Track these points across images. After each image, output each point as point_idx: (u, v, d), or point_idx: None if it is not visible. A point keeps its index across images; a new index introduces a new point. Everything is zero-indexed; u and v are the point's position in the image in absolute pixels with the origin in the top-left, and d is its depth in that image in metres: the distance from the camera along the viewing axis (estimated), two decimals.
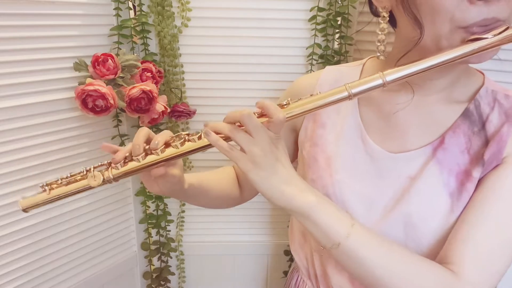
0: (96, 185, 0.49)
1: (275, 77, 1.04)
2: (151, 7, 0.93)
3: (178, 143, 0.49)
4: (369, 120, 0.59)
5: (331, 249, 0.50)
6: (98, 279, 1.06)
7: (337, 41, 1.02)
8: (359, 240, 0.49)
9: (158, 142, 0.49)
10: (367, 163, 0.57)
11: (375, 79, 0.47)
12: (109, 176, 0.49)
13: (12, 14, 0.77)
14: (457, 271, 0.48)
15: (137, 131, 0.51)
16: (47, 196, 0.49)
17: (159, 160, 0.50)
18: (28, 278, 0.90)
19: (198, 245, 1.21)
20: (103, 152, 0.98)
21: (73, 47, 0.87)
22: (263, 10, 0.97)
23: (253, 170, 0.48)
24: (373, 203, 0.56)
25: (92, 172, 0.49)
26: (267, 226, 1.21)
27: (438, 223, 0.52)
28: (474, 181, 0.52)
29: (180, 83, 1.01)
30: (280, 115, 0.47)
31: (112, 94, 0.85)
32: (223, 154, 0.48)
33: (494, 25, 0.44)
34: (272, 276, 1.28)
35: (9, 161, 0.82)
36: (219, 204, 0.71)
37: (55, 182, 0.50)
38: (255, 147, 0.47)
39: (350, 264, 0.50)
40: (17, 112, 0.81)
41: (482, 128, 0.53)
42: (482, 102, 0.54)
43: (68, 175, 0.50)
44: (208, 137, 0.48)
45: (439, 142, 0.54)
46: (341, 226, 0.49)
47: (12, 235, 0.85)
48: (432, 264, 0.50)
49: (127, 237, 1.12)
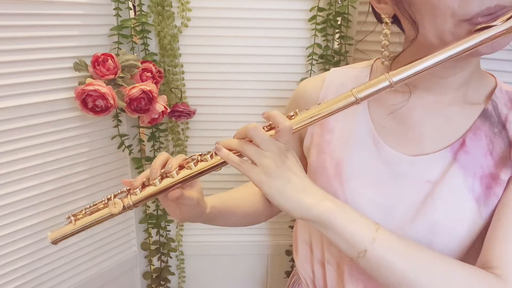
0: (117, 212, 0.50)
1: (275, 77, 1.04)
2: (151, 7, 0.93)
3: (192, 164, 0.50)
4: (381, 122, 0.56)
5: (358, 258, 0.47)
6: (98, 279, 1.06)
7: (337, 41, 1.02)
8: (386, 243, 0.46)
9: (172, 165, 0.50)
10: (381, 168, 0.54)
11: (381, 81, 0.45)
12: (129, 202, 0.50)
13: (12, 14, 0.77)
14: (501, 274, 0.46)
15: (157, 156, 0.52)
16: (73, 227, 0.51)
17: (175, 182, 0.50)
18: (28, 278, 0.90)
19: (198, 245, 1.21)
20: (103, 152, 0.99)
21: (73, 47, 0.87)
22: (263, 10, 0.97)
23: (265, 182, 0.46)
24: (391, 211, 0.53)
25: (112, 200, 0.51)
26: (267, 226, 1.21)
27: (465, 230, 0.50)
28: (503, 184, 0.50)
29: (180, 83, 1.01)
30: (286, 123, 0.46)
31: (112, 94, 0.85)
32: (235, 168, 0.48)
33: (499, 12, 0.42)
34: (272, 276, 1.28)
35: (9, 161, 0.82)
36: (250, 221, 0.70)
37: (79, 212, 0.52)
38: (265, 158, 0.46)
39: (379, 271, 0.47)
40: (17, 112, 0.81)
41: (503, 129, 0.52)
42: (499, 103, 0.53)
43: (91, 204, 0.52)
44: (220, 152, 0.48)
45: (459, 144, 0.52)
46: (365, 231, 0.46)
47: (12, 235, 0.85)
48: (474, 269, 0.47)
49: (127, 237, 1.12)
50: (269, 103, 1.06)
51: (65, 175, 0.92)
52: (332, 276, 0.61)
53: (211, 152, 0.50)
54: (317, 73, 1.03)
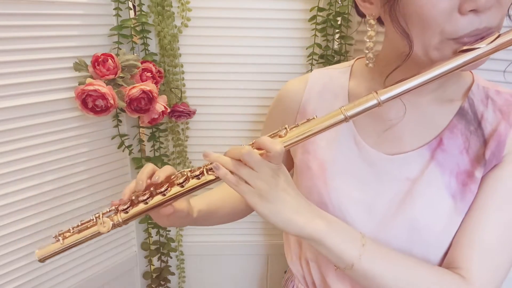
0: (106, 231, 0.50)
1: (275, 77, 1.04)
2: (151, 7, 0.93)
3: (182, 181, 0.50)
4: (362, 123, 0.58)
5: (345, 269, 0.50)
6: (98, 279, 1.06)
7: (337, 41, 1.02)
8: (371, 259, 0.49)
9: (159, 177, 0.50)
10: (363, 167, 0.57)
11: (370, 100, 0.47)
12: (118, 220, 0.51)
13: (12, 14, 0.77)
14: (466, 276, 0.48)
15: (143, 167, 0.52)
16: (61, 246, 0.51)
17: (165, 200, 0.51)
18: (28, 278, 0.90)
19: (198, 245, 1.21)
20: (103, 152, 0.99)
21: (73, 47, 0.87)
22: (263, 10, 0.97)
23: (260, 203, 0.48)
24: (372, 208, 0.55)
25: (101, 219, 0.50)
26: (267, 226, 1.21)
27: (443, 226, 0.52)
28: (478, 181, 0.51)
29: (180, 83, 1.01)
30: (277, 148, 0.47)
31: (112, 94, 0.85)
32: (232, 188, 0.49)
33: (485, 33, 0.43)
34: (272, 276, 1.28)
35: (9, 161, 0.82)
36: (231, 219, 0.72)
37: (67, 231, 0.52)
38: (259, 181, 0.47)
39: (366, 282, 0.51)
40: (17, 112, 0.81)
41: (478, 127, 0.53)
42: (476, 100, 0.54)
43: (79, 223, 0.52)
44: (218, 171, 0.48)
45: (436, 143, 0.54)
46: (352, 248, 0.49)
47: (12, 235, 0.85)
48: (443, 271, 0.50)
49: (127, 237, 1.12)
50: (269, 103, 1.05)
51: (65, 175, 0.92)
52: (317, 273, 0.63)
53: (202, 168, 0.50)
54: None
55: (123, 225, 0.51)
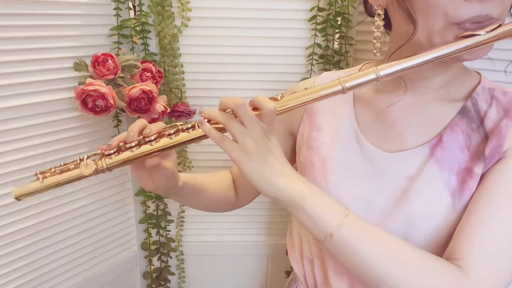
0: (88, 174, 0.48)
1: (275, 77, 1.03)
2: (151, 7, 0.93)
3: (172, 132, 0.49)
4: (365, 121, 0.59)
5: (325, 241, 0.49)
6: (98, 279, 1.06)
7: (337, 41, 1.02)
8: (352, 230, 0.48)
9: (150, 130, 0.49)
10: (363, 164, 0.57)
11: (369, 74, 0.47)
12: (102, 165, 0.49)
13: (12, 14, 0.77)
14: (464, 267, 0.47)
15: (135, 121, 0.51)
16: (40, 185, 0.49)
17: (153, 150, 0.49)
18: (28, 278, 0.90)
19: (198, 245, 1.21)
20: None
21: (73, 47, 0.87)
22: (263, 10, 0.97)
23: (245, 160, 0.48)
24: (371, 205, 0.55)
25: (84, 161, 0.49)
26: (267, 226, 1.21)
27: (440, 223, 0.52)
28: (476, 177, 0.51)
29: (180, 83, 1.01)
30: (270, 106, 0.47)
31: (112, 94, 0.85)
32: (216, 144, 0.49)
33: (487, 22, 0.45)
34: (272, 276, 1.28)
35: (9, 161, 0.82)
36: (215, 207, 0.71)
37: (48, 170, 0.50)
38: (248, 138, 0.47)
39: (344, 256, 0.49)
40: (17, 112, 0.81)
41: (480, 125, 0.53)
42: (479, 99, 0.54)
43: (62, 163, 0.50)
44: (202, 126, 0.49)
45: (436, 140, 0.54)
46: (333, 216, 0.49)
47: (12, 235, 0.85)
48: (437, 258, 0.48)
49: (127, 237, 1.12)
50: None
51: None
52: (319, 271, 0.62)
53: (194, 123, 0.50)
54: (317, 73, 1.03)
55: (106, 171, 0.49)
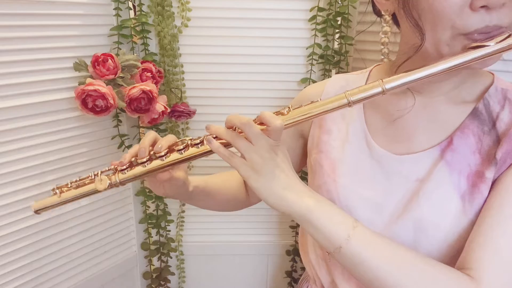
0: (103, 189, 0.51)
1: (275, 77, 1.04)
2: (151, 7, 0.93)
3: (182, 147, 0.51)
4: (375, 124, 0.59)
5: (333, 253, 0.49)
6: (98, 279, 1.06)
7: (337, 41, 1.02)
8: (361, 242, 0.48)
9: (161, 146, 0.51)
10: (373, 167, 0.57)
11: (375, 87, 0.47)
12: (116, 180, 0.51)
13: (12, 14, 0.77)
14: (476, 277, 0.46)
15: (145, 134, 0.53)
16: (58, 199, 0.52)
17: (164, 165, 0.52)
18: (28, 278, 0.90)
19: (198, 245, 1.21)
20: (103, 152, 0.99)
21: (73, 47, 0.87)
22: (263, 10, 0.97)
23: (253, 176, 0.48)
24: (380, 207, 0.55)
25: (99, 176, 0.51)
26: (267, 226, 1.21)
27: (450, 227, 0.51)
28: (488, 182, 0.50)
29: (180, 83, 1.01)
30: (277, 123, 0.47)
31: (112, 94, 0.85)
32: (224, 161, 0.50)
33: (495, 32, 0.44)
34: (272, 276, 1.28)
35: (9, 161, 0.82)
36: (226, 207, 0.72)
37: (65, 185, 0.53)
38: (255, 154, 0.48)
39: (354, 268, 0.49)
40: (17, 112, 0.81)
41: (492, 127, 0.52)
42: (492, 101, 0.53)
43: (77, 179, 0.53)
44: (210, 144, 0.49)
45: (447, 143, 0.53)
46: (341, 228, 0.48)
47: (12, 235, 0.85)
48: (448, 268, 0.47)
49: (127, 237, 1.12)
50: (269, 103, 1.06)
51: (65, 175, 0.92)
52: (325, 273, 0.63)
53: (202, 138, 0.51)
54: (317, 73, 1.03)
55: (120, 186, 0.52)
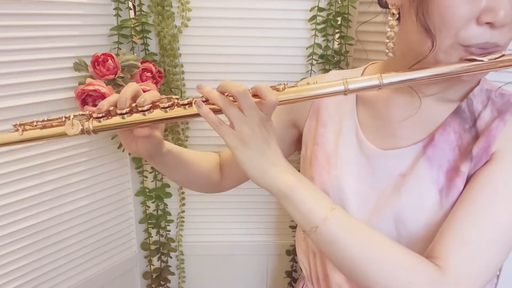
0: (73, 134, 0.46)
1: (275, 77, 1.03)
2: (151, 7, 0.93)
3: (167, 105, 0.48)
4: (365, 119, 0.60)
5: (310, 232, 0.50)
6: (98, 279, 1.06)
7: (337, 41, 1.02)
8: (337, 224, 0.49)
9: (144, 100, 0.48)
10: (362, 161, 0.59)
11: (373, 79, 0.49)
12: (89, 127, 0.47)
13: (12, 14, 0.77)
14: (442, 265, 0.47)
15: (126, 85, 0.50)
16: (19, 137, 0.47)
17: (145, 120, 0.48)
18: (28, 278, 0.90)
19: (198, 245, 1.21)
20: (103, 152, 0.99)
21: (73, 47, 0.87)
22: (263, 10, 0.97)
23: (240, 148, 0.48)
24: (365, 200, 0.57)
25: (71, 120, 0.46)
26: (267, 226, 1.21)
27: (427, 219, 0.53)
28: (463, 176, 0.52)
29: (180, 83, 1.01)
30: (272, 97, 0.48)
31: (112, 94, 0.85)
32: (211, 127, 0.49)
33: (492, 50, 0.46)
34: (272, 276, 1.28)
35: (9, 161, 0.82)
36: (196, 184, 0.70)
37: (29, 123, 0.48)
38: (246, 125, 0.48)
39: (328, 249, 0.50)
40: (17, 112, 0.81)
41: (473, 125, 0.54)
42: (475, 100, 0.55)
43: (45, 118, 0.48)
44: (199, 108, 0.48)
45: (429, 139, 0.55)
46: (320, 209, 0.49)
47: (12, 235, 0.85)
48: (416, 256, 0.49)
49: (127, 237, 1.12)
50: None
51: (65, 175, 0.92)
52: (320, 264, 0.64)
53: (191, 100, 0.49)
54: (317, 73, 1.03)
55: (92, 134, 0.47)
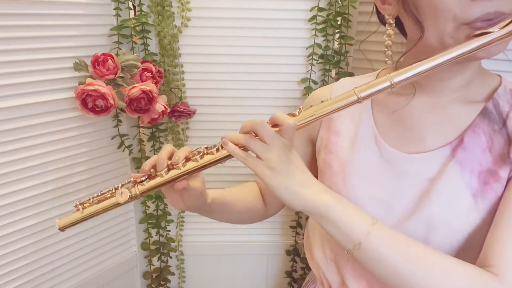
0: (124, 202, 0.52)
1: (275, 77, 1.03)
2: (151, 7, 0.93)
3: (198, 157, 0.52)
4: (383, 124, 0.59)
5: (353, 250, 0.49)
6: (98, 279, 1.06)
7: (337, 41, 1.02)
8: (382, 238, 0.48)
9: (179, 158, 0.52)
10: (382, 166, 0.57)
11: (383, 82, 0.48)
12: (136, 192, 0.52)
13: (12, 14, 0.77)
14: (498, 273, 0.46)
15: (162, 147, 0.54)
16: (81, 215, 0.53)
17: (181, 173, 0.52)
18: (28, 278, 0.90)
19: (198, 245, 1.21)
20: (103, 152, 0.99)
21: (73, 47, 0.87)
22: (263, 10, 0.97)
23: (269, 175, 0.49)
24: (391, 207, 0.55)
25: (119, 189, 0.52)
26: (267, 226, 1.21)
27: (462, 225, 0.51)
28: (502, 181, 0.50)
29: (180, 83, 1.01)
30: (290, 122, 0.48)
31: (112, 94, 0.85)
32: (241, 162, 0.50)
33: (498, 19, 0.44)
34: (272, 276, 1.28)
35: (10, 161, 0.82)
36: (245, 219, 0.72)
37: (87, 201, 0.53)
38: (270, 153, 0.49)
39: (374, 265, 0.49)
40: (17, 112, 0.81)
41: (503, 126, 0.52)
42: (501, 101, 0.53)
43: (99, 193, 0.54)
44: (226, 146, 0.50)
45: (458, 142, 0.53)
46: (361, 224, 0.49)
47: (12, 235, 0.85)
48: (469, 265, 0.47)
49: (127, 237, 1.12)
50: (269, 103, 1.06)
51: (65, 175, 0.92)
52: (335, 274, 0.62)
53: (217, 145, 0.52)
54: (317, 73, 1.03)
55: (139, 198, 0.53)
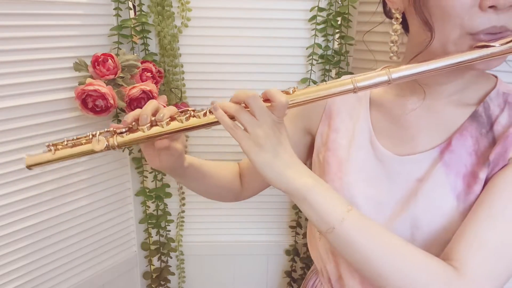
0: (99, 150, 0.50)
1: (275, 77, 1.03)
2: (151, 7, 0.93)
3: (183, 118, 0.51)
4: (379, 124, 0.60)
5: (326, 233, 0.50)
6: (98, 279, 1.06)
7: (337, 41, 1.02)
8: (354, 225, 0.49)
9: (163, 115, 0.51)
10: (377, 166, 0.58)
11: (381, 75, 0.48)
12: (113, 142, 0.50)
13: (12, 14, 0.77)
14: (459, 267, 0.47)
15: (148, 102, 0.52)
16: (52, 157, 0.51)
17: (164, 132, 0.51)
18: (28, 278, 0.90)
19: (198, 245, 1.21)
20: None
21: (73, 47, 0.87)
22: (263, 10, 0.97)
23: (255, 151, 0.49)
24: (381, 206, 0.56)
25: (97, 137, 0.50)
26: (267, 226, 1.21)
27: (444, 225, 0.52)
28: (481, 182, 0.51)
29: (180, 83, 1.01)
30: (282, 99, 0.48)
31: (112, 94, 0.85)
32: (227, 131, 0.50)
33: (502, 34, 0.45)
34: (272, 276, 1.28)
35: (9, 161, 0.82)
36: (217, 194, 0.71)
37: (60, 143, 0.51)
38: (259, 129, 0.48)
39: (344, 249, 0.50)
40: (17, 112, 0.81)
41: (490, 130, 0.53)
42: (492, 104, 0.54)
43: (74, 137, 0.51)
44: (215, 112, 0.50)
45: (446, 144, 0.54)
46: (336, 210, 0.50)
47: (12, 235, 0.85)
48: (433, 258, 0.49)
49: (127, 237, 1.12)
50: None
51: (65, 175, 0.92)
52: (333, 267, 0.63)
53: (205, 110, 0.51)
54: (317, 73, 1.03)
55: (117, 149, 0.51)
